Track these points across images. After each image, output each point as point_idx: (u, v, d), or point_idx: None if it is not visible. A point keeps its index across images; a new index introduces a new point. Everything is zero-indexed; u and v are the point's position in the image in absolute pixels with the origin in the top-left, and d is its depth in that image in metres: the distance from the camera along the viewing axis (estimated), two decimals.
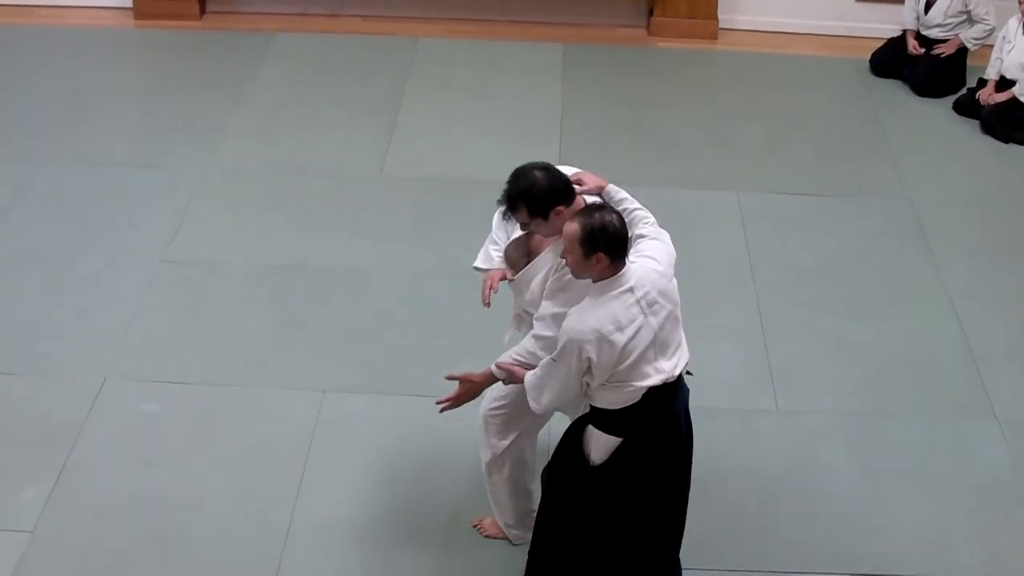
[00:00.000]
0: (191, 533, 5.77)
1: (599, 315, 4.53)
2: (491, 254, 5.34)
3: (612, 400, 4.72)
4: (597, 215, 4.49)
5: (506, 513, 5.65)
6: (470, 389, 5.11)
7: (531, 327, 5.16)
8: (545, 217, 4.75)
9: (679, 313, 4.75)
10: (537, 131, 8.93)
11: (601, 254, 4.48)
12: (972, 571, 5.78)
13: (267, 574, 5.59)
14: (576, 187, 4.87)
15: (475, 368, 5.14)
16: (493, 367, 5.01)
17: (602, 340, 4.51)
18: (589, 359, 4.54)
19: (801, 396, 6.71)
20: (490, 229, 5.35)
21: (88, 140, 8.74)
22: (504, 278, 5.25)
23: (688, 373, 4.87)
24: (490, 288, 5.34)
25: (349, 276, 7.46)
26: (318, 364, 6.78)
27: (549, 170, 4.77)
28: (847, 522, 5.98)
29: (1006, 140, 9.21)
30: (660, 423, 4.81)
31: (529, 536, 5.58)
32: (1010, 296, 7.54)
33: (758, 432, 6.45)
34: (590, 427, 4.88)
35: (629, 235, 4.63)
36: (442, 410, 5.19)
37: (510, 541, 5.74)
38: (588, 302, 4.59)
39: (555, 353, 4.65)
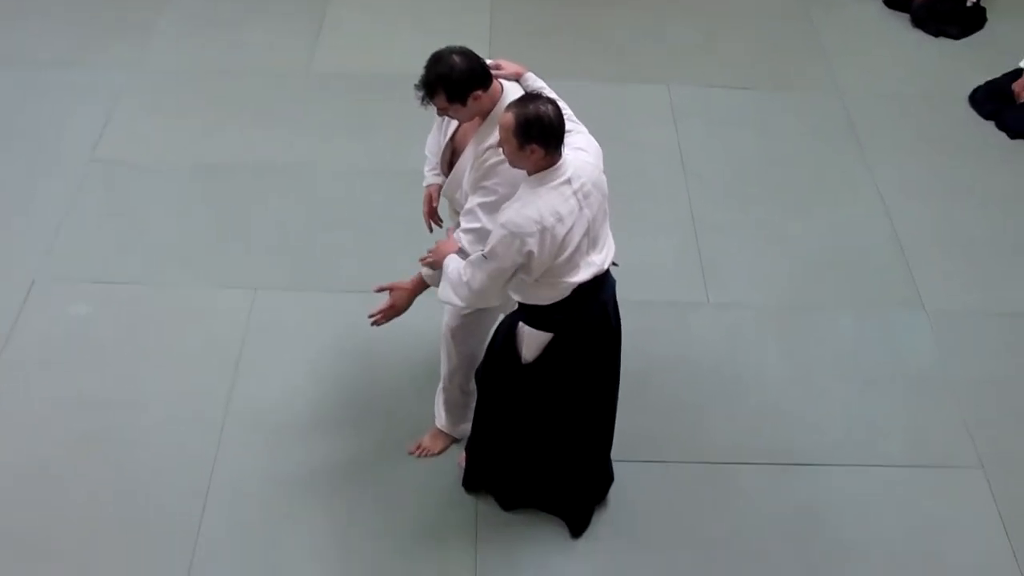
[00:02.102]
0: (126, 433, 5.77)
1: (539, 206, 4.46)
2: (425, 174, 5.31)
3: (543, 296, 4.72)
4: (531, 105, 4.41)
5: (458, 412, 5.71)
6: (400, 298, 5.06)
7: None
8: (464, 102, 4.69)
9: (607, 206, 4.74)
10: (467, 25, 8.85)
11: (535, 144, 4.40)
12: (899, 460, 5.90)
13: (203, 470, 5.61)
14: (494, 72, 4.83)
15: (407, 274, 5.10)
16: (424, 271, 4.97)
17: (544, 232, 4.46)
18: (530, 252, 4.49)
19: (732, 289, 6.76)
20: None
21: (12, 40, 8.56)
22: (439, 189, 5.24)
23: (614, 264, 4.86)
24: (428, 207, 5.33)
25: (280, 174, 7.39)
26: (250, 262, 6.75)
27: (467, 54, 4.69)
28: (778, 414, 6.07)
29: (936, 34, 9.23)
30: (590, 316, 4.82)
31: (470, 426, 5.67)
32: (938, 189, 7.61)
33: (689, 325, 6.50)
34: (521, 324, 4.88)
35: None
36: (373, 323, 5.15)
37: (457, 440, 5.78)
38: (525, 194, 4.51)
39: (487, 249, 4.57)
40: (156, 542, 5.34)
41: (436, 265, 4.93)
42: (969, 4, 9.21)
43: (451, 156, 5.09)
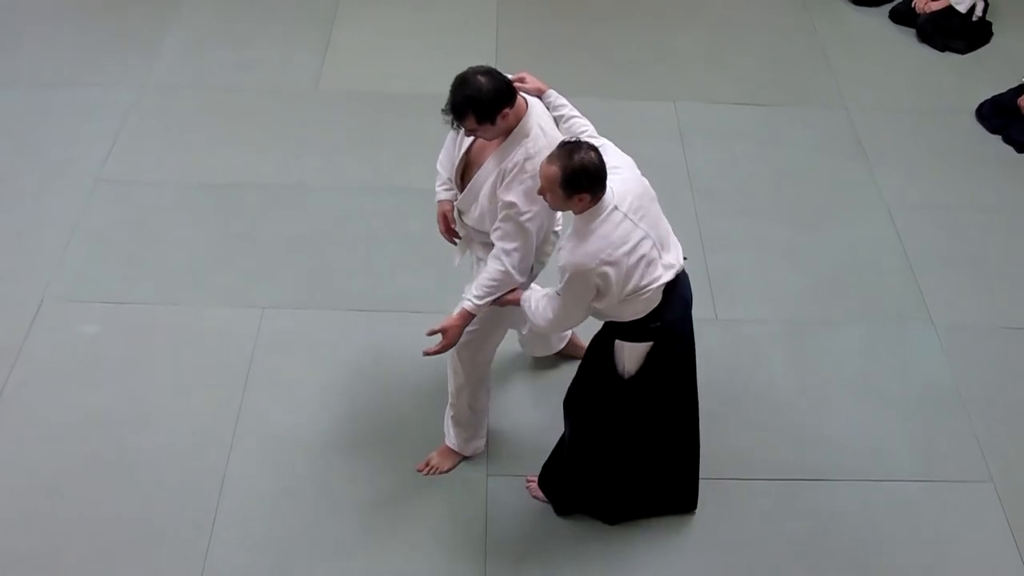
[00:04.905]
0: (134, 452, 5.77)
1: (594, 241, 4.53)
2: (436, 190, 5.31)
3: (637, 311, 4.77)
4: (576, 156, 4.43)
5: (468, 430, 5.72)
6: (453, 336, 5.04)
7: (482, 247, 5.16)
8: (493, 122, 4.69)
9: (658, 205, 4.79)
10: (473, 43, 8.86)
11: (583, 194, 4.47)
12: (910, 475, 5.88)
13: (211, 490, 5.61)
14: (518, 85, 4.85)
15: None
16: (469, 305, 4.96)
17: (605, 264, 4.53)
18: (598, 285, 4.58)
19: (740, 305, 6.76)
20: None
21: (21, 59, 8.58)
22: (453, 205, 5.23)
23: (684, 258, 4.92)
24: (445, 224, 5.32)
25: (287, 192, 7.40)
26: (258, 280, 6.75)
27: (491, 73, 4.69)
28: (787, 429, 6.06)
29: (942, 49, 9.23)
30: (678, 313, 4.91)
31: (481, 443, 5.79)
32: (946, 203, 7.60)
33: (698, 341, 6.46)
34: (617, 342, 4.94)
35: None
36: (428, 354, 5.12)
37: (466, 457, 5.81)
38: (579, 232, 4.57)
39: (559, 288, 4.66)
40: (164, 562, 5.33)
41: (446, 341, 5.03)
42: (975, 19, 9.21)
43: (464, 170, 5.09)
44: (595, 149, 4.50)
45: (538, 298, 4.85)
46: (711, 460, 5.76)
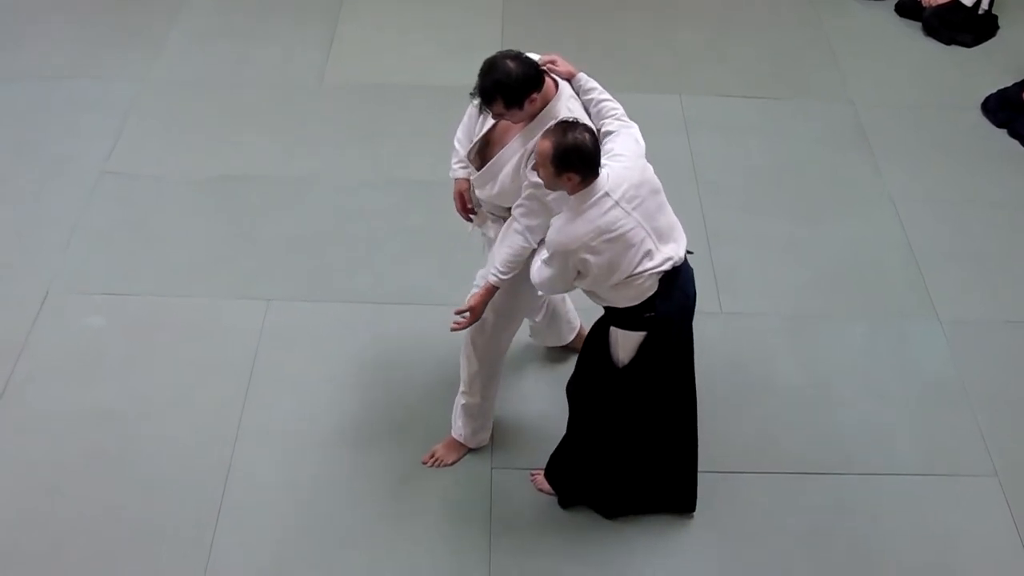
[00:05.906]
0: (138, 446, 5.77)
1: (580, 224, 4.57)
2: (452, 167, 5.31)
3: (631, 296, 4.78)
4: (570, 135, 4.48)
5: (476, 420, 5.72)
6: (478, 311, 5.12)
7: (493, 225, 5.19)
8: (521, 106, 4.71)
9: (664, 197, 4.79)
10: (479, 36, 8.84)
11: (572, 173, 4.50)
12: (914, 469, 5.88)
13: (215, 485, 5.61)
14: (550, 67, 4.86)
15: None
16: (494, 279, 5.01)
17: (587, 249, 4.57)
18: (577, 268, 4.64)
19: (745, 298, 6.75)
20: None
21: (22, 54, 8.57)
22: (469, 183, 5.24)
23: (689, 252, 4.92)
24: (461, 203, 5.33)
25: (292, 186, 7.39)
26: (262, 274, 6.75)
27: (520, 58, 4.71)
28: (790, 423, 6.05)
29: (948, 42, 9.22)
30: (676, 306, 4.91)
31: (486, 436, 5.79)
32: (951, 198, 7.58)
33: (702, 334, 6.44)
34: (613, 329, 4.96)
35: (599, 137, 4.66)
36: (455, 330, 5.19)
37: (471, 450, 5.81)
38: (567, 214, 4.62)
39: (545, 258, 4.72)
40: (168, 557, 5.34)
41: (473, 316, 5.11)
42: (981, 12, 9.19)
43: (482, 147, 5.09)
44: (590, 131, 4.56)
45: (538, 257, 4.87)
46: (713, 453, 5.76)
